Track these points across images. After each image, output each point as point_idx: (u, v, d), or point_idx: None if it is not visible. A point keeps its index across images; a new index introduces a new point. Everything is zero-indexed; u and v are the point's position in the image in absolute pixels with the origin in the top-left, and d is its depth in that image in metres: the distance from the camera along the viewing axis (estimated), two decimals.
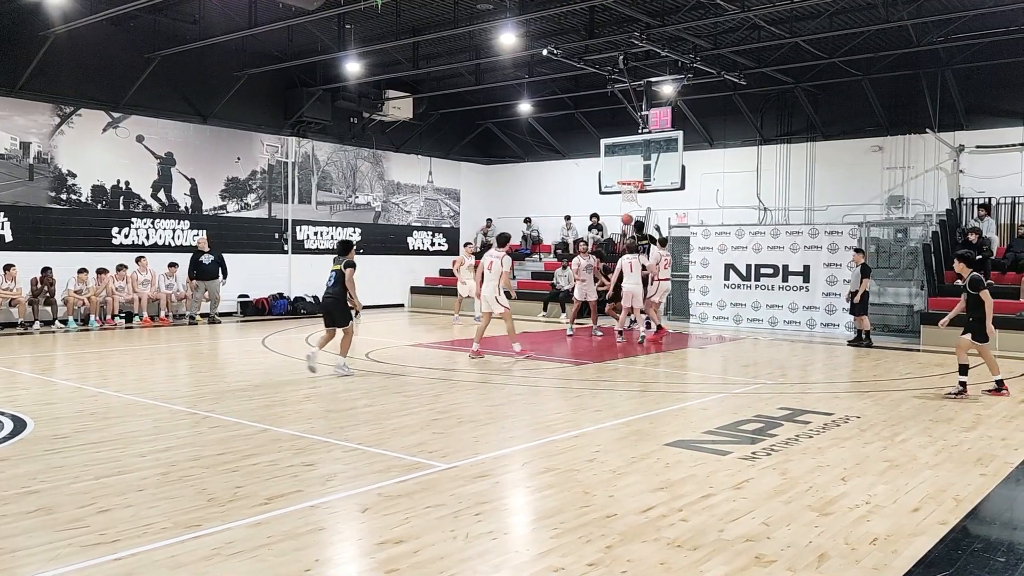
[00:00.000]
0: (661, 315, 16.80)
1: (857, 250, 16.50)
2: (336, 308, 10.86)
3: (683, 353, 14.41)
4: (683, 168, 16.69)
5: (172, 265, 18.34)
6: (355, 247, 11.44)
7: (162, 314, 18.05)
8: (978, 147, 18.14)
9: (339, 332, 10.95)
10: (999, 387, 9.99)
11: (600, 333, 16.32)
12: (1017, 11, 14.86)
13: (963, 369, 9.84)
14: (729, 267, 19.35)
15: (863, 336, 15.67)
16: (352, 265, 10.91)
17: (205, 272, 18.30)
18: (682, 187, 16.91)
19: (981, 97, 18.13)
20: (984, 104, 18.12)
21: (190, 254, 18.59)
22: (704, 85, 19.46)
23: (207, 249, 18.44)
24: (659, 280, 15.79)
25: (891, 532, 4.95)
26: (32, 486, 5.64)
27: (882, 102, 19.14)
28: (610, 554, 4.53)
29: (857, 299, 15.66)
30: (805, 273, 18.29)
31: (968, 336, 9.83)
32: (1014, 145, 17.67)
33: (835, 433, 7.72)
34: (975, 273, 9.93)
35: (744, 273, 19.21)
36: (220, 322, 18.39)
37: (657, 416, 8.53)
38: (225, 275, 18.64)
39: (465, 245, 21.22)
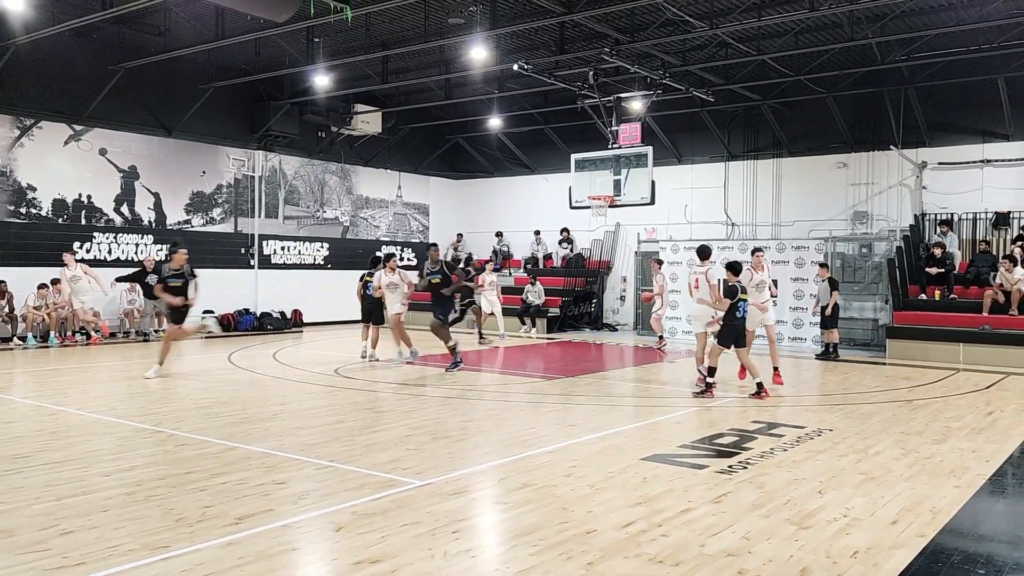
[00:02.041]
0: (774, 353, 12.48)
1: (822, 264, 16.70)
2: (376, 311, 14.52)
3: (653, 367, 14.40)
4: (653, 183, 16.78)
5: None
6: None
7: (106, 328, 17.54)
8: (940, 164, 18.46)
9: (380, 330, 14.47)
10: (707, 385, 10.79)
11: (409, 359, 14.07)
12: (977, 31, 15.19)
13: (711, 371, 10.74)
14: None
15: (831, 349, 15.81)
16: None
17: (152, 291, 17.76)
18: (652, 202, 17.01)
19: (943, 115, 18.46)
20: (946, 122, 18.45)
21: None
22: (673, 101, 19.62)
23: (151, 269, 17.84)
24: (757, 305, 11.69)
25: (871, 545, 4.94)
26: None
27: (847, 119, 19.42)
28: (592, 571, 4.45)
29: (828, 311, 15.80)
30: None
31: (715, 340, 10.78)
32: (974, 162, 18.01)
33: (809, 446, 7.74)
34: (737, 282, 10.55)
35: None
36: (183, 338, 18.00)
37: (632, 430, 8.49)
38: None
39: (488, 262, 21.10)
